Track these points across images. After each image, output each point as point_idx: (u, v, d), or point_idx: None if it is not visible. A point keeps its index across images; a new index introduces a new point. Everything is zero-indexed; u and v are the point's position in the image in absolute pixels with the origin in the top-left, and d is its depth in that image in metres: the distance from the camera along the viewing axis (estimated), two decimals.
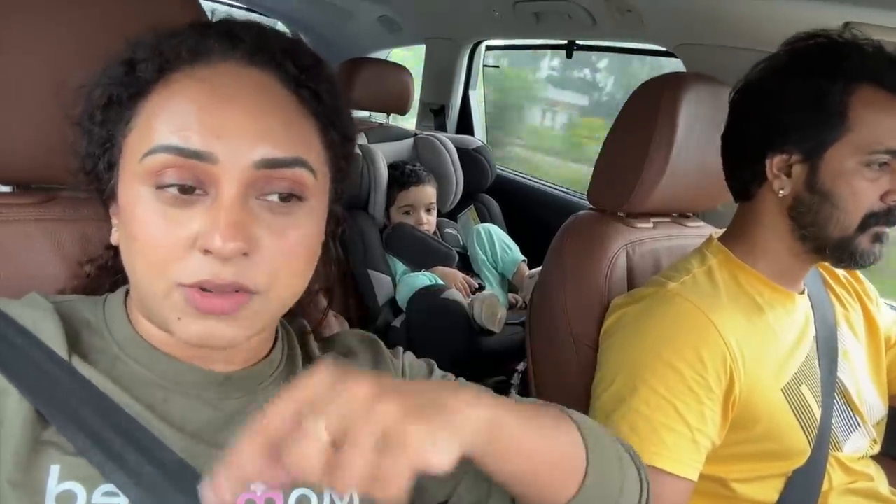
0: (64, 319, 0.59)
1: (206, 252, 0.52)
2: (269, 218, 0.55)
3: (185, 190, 0.53)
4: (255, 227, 0.54)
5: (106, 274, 0.70)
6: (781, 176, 0.95)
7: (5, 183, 0.76)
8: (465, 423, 0.44)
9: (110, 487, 0.53)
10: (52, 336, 0.58)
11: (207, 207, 0.53)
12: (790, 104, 0.93)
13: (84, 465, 0.53)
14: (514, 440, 0.51)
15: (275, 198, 0.55)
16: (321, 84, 0.59)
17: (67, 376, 0.56)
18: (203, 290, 0.53)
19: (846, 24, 1.20)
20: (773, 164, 0.95)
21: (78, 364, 0.57)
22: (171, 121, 0.54)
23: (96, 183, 0.62)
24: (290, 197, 0.56)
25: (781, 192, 0.95)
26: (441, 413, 0.42)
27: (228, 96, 0.54)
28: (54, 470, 0.52)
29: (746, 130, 0.99)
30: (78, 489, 0.52)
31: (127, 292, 0.64)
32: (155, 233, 0.53)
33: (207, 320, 0.54)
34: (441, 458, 0.40)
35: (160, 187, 0.53)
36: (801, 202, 0.94)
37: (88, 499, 0.52)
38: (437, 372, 0.76)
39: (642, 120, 1.12)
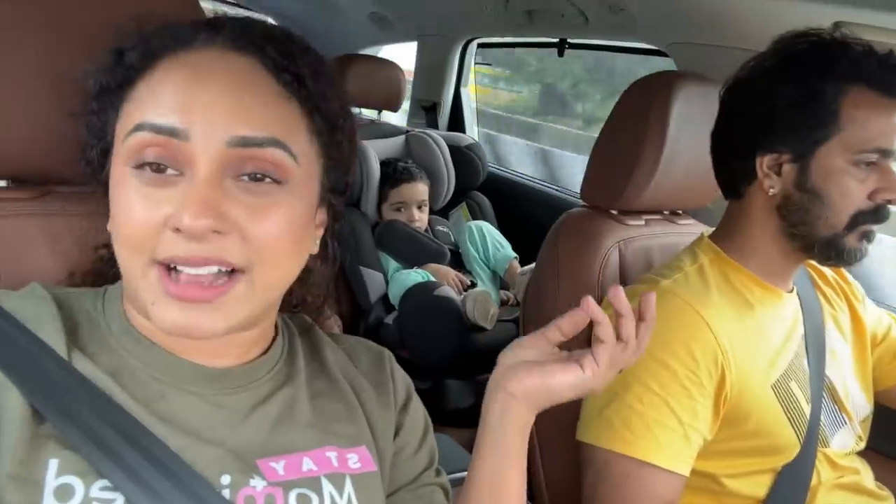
0: (63, 310, 0.59)
1: (177, 230, 0.52)
2: (247, 199, 0.55)
3: (160, 169, 0.54)
4: (229, 206, 0.53)
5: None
6: (771, 174, 0.96)
7: (0, 177, 0.75)
8: None
9: (107, 483, 0.53)
10: (51, 328, 0.57)
11: (182, 188, 0.53)
12: (782, 104, 0.93)
13: (81, 460, 0.53)
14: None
15: (246, 178, 0.55)
16: (304, 68, 0.59)
17: (63, 372, 0.55)
18: (177, 270, 0.53)
19: (836, 24, 1.21)
20: (764, 162, 0.96)
21: (77, 357, 0.57)
22: (152, 101, 0.55)
23: (94, 173, 0.63)
24: (263, 178, 0.55)
25: (771, 190, 0.96)
26: None
27: (207, 77, 0.55)
28: (53, 464, 0.52)
29: (736, 129, 1.00)
30: (76, 483, 0.52)
31: None
32: (132, 212, 0.53)
33: (184, 309, 0.53)
34: None
35: (138, 167, 0.54)
36: (790, 201, 0.95)
37: (86, 493, 0.52)
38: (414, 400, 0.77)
39: (635, 118, 1.13)
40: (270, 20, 3.48)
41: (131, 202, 0.54)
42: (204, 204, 0.52)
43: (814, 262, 1.09)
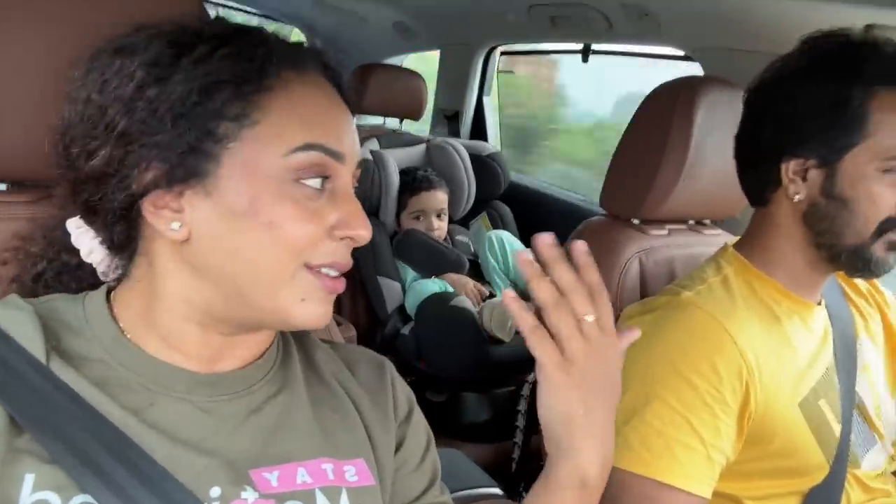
0: (44, 322, 0.58)
1: (347, 239, 0.58)
2: None
3: (319, 186, 0.59)
4: None
5: (67, 280, 0.67)
6: (797, 181, 0.92)
7: None
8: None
9: (87, 497, 0.51)
10: (31, 339, 0.56)
11: (329, 199, 0.58)
12: (807, 109, 0.90)
13: (60, 474, 0.51)
14: None
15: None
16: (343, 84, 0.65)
17: (45, 381, 0.54)
18: (326, 271, 0.58)
19: (867, 27, 1.17)
20: (789, 168, 0.92)
21: (59, 368, 0.56)
22: (310, 122, 0.58)
23: (182, 171, 0.56)
24: None
25: (797, 197, 0.92)
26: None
27: (334, 101, 0.61)
28: (28, 478, 0.51)
29: (761, 133, 0.96)
30: (53, 498, 0.51)
31: (109, 290, 0.62)
32: (299, 222, 0.56)
33: (324, 302, 0.59)
34: None
35: (297, 180, 0.57)
36: (816, 208, 0.92)
37: None
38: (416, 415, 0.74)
39: (657, 124, 1.10)
40: (296, 30, 3.53)
41: (295, 213, 0.56)
42: (366, 218, 0.59)
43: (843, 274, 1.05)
